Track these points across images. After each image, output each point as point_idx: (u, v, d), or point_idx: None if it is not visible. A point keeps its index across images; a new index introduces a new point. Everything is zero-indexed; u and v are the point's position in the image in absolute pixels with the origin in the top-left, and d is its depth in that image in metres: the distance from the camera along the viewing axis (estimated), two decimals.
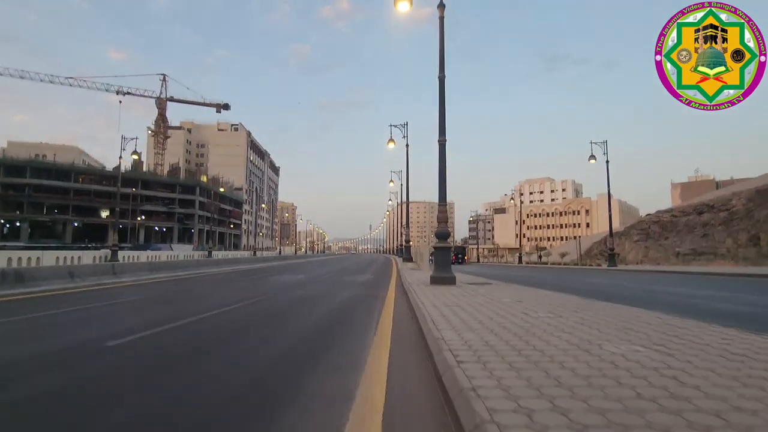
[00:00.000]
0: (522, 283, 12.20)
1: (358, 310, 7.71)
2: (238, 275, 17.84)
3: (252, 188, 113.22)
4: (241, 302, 8.53)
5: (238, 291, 11.35)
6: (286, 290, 11.36)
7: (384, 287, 11.56)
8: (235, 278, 16.11)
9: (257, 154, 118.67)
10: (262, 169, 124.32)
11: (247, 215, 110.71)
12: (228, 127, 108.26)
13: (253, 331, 5.78)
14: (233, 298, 9.42)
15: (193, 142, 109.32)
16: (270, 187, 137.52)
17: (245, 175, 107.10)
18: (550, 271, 25.71)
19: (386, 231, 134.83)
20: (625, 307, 5.87)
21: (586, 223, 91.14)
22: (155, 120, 73.88)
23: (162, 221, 74.12)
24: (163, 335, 5.16)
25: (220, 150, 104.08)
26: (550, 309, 5.67)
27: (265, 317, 6.99)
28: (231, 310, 7.56)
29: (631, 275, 19.31)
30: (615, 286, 12.79)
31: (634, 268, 24.66)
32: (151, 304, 8.78)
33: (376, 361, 3.79)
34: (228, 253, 53.30)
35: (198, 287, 12.46)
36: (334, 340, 5.12)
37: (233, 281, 14.73)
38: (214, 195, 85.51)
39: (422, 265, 18.82)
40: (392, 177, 37.59)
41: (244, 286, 12.92)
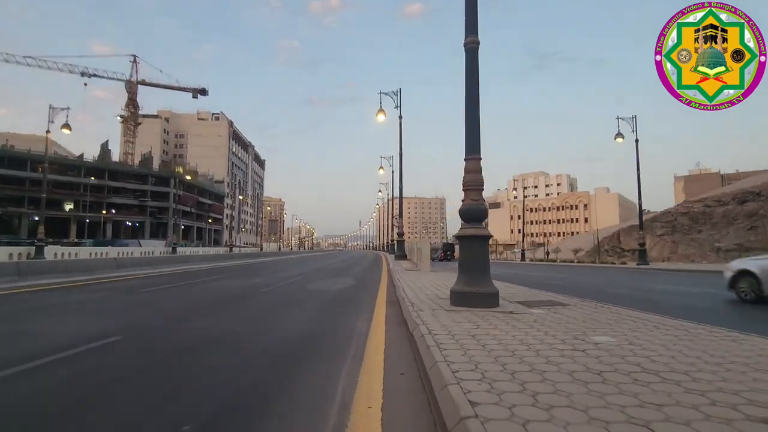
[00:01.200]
0: (578, 292, 7.78)
1: (293, 390, 3.08)
2: (171, 278, 13.08)
3: (235, 181, 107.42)
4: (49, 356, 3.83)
5: (102, 317, 6.61)
6: (194, 315, 6.65)
7: (366, 309, 6.93)
8: (159, 284, 11.34)
9: (240, 145, 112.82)
10: (246, 161, 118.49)
11: (230, 210, 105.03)
12: (209, 116, 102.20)
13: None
14: (69, 334, 4.72)
15: (171, 132, 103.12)
16: (255, 181, 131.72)
17: (227, 167, 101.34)
18: (575, 270, 21.36)
19: (376, 227, 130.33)
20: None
21: (585, 218, 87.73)
22: (125, 105, 67.88)
23: (134, 215, 68.41)
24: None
25: (199, 140, 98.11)
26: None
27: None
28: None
29: (691, 276, 14.99)
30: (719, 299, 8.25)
31: (674, 267, 20.45)
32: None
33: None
34: (199, 250, 48.16)
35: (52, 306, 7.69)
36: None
37: (143, 290, 9.95)
38: (192, 187, 79.88)
39: (422, 265, 14.25)
40: (382, 163, 34.57)
41: (137, 302, 8.16)
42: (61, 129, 23.41)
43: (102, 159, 66.22)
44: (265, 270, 17.89)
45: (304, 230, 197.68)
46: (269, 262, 26.23)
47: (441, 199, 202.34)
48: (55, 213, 60.18)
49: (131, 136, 68.30)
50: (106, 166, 64.48)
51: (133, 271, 15.61)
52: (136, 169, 68.23)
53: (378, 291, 9.51)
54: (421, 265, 14.29)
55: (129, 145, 67.72)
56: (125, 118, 67.84)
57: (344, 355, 3.85)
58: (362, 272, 17.16)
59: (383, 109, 20.46)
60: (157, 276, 14.10)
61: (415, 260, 17.05)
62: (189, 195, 77.75)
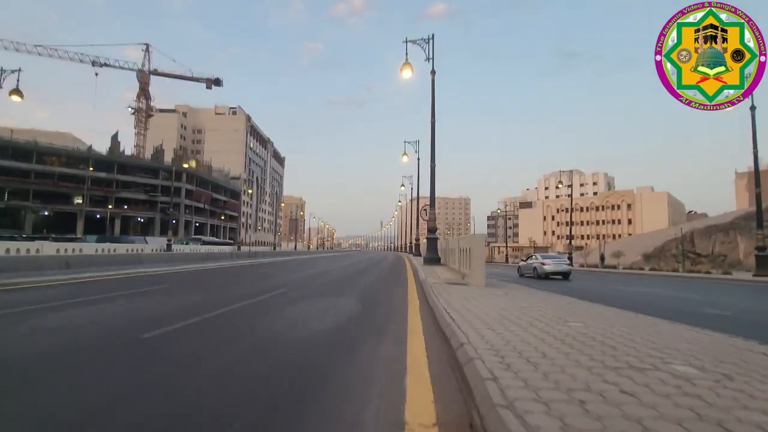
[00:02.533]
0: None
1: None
2: (124, 285, 8.01)
3: (252, 178, 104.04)
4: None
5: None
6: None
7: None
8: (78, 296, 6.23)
9: (259, 141, 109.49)
10: (264, 158, 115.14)
11: (247, 207, 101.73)
12: (226, 110, 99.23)
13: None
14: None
15: (189, 127, 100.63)
16: (274, 179, 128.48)
17: (244, 163, 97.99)
18: (680, 284, 15.32)
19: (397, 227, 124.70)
20: None
21: (628, 219, 79.64)
22: (137, 96, 64.81)
23: (143, 211, 65.23)
24: None
25: (216, 135, 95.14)
26: None
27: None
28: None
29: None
30: None
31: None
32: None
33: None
34: (201, 248, 43.76)
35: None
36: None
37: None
38: (206, 183, 76.47)
39: (473, 276, 8.69)
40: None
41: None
42: (10, 96, 18.96)
43: (112, 152, 63.31)
44: (244, 277, 12.76)
45: (325, 230, 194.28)
46: (268, 264, 21.23)
47: (466, 199, 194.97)
48: (61, 207, 57.45)
49: (143, 129, 65.21)
50: (115, 159, 61.46)
51: (81, 274, 11.02)
52: (146, 162, 65.01)
53: (404, 343, 4.07)
54: (472, 277, 8.70)
55: (141, 138, 64.63)
56: (136, 109, 64.73)
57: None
58: (380, 280, 11.67)
59: (409, 62, 15.36)
60: (87, 283, 9.10)
61: (457, 267, 11.44)
62: (202, 191, 74.30)
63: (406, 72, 15.43)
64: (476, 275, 8.73)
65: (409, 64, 15.53)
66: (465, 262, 10.00)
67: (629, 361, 2.79)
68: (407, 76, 15.33)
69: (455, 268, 11.88)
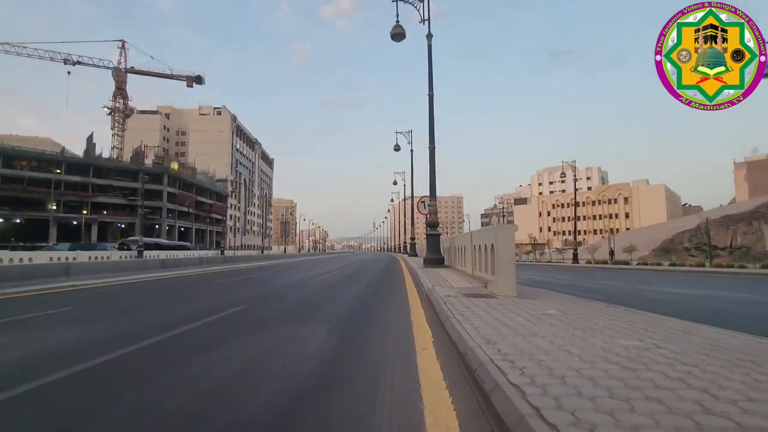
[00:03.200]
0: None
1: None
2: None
3: (239, 180, 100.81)
4: None
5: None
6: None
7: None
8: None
9: (246, 142, 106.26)
10: (252, 159, 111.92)
11: (235, 210, 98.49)
12: (210, 110, 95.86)
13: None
14: None
15: (172, 128, 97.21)
16: (263, 180, 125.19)
17: (230, 164, 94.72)
18: (734, 283, 12.99)
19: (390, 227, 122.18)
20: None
21: (626, 213, 77.97)
22: (113, 95, 61.47)
23: (123, 216, 61.85)
24: None
25: (200, 136, 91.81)
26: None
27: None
28: None
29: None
30: None
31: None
32: None
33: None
34: (179, 254, 40.74)
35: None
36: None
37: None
38: (190, 186, 73.23)
39: (501, 284, 6.11)
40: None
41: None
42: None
43: (87, 154, 59.91)
44: (197, 290, 10.15)
45: (317, 233, 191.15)
46: (243, 270, 18.59)
47: (458, 198, 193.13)
48: (32, 214, 53.95)
49: (120, 130, 61.85)
50: (90, 162, 58.07)
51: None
52: (124, 164, 61.67)
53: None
54: (498, 284, 6.18)
55: (117, 139, 61.23)
56: (113, 109, 61.35)
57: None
58: (364, 299, 9.09)
59: (399, 145, 12.76)
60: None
61: (469, 270, 8.92)
62: (186, 194, 71.04)
63: (398, 37, 13.01)
64: (504, 282, 6.21)
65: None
66: (481, 263, 7.49)
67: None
68: (400, 40, 12.85)
69: (465, 270, 9.36)
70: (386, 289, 9.56)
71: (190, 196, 72.14)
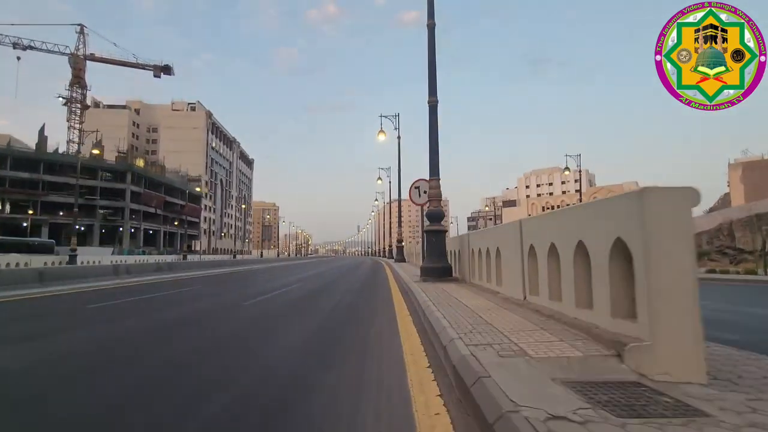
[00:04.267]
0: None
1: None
2: None
3: (215, 180, 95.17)
4: None
5: None
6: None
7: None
8: None
9: (223, 141, 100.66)
10: (230, 159, 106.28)
11: (209, 212, 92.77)
12: (184, 106, 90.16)
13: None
14: None
15: (143, 124, 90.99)
16: (241, 182, 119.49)
17: (205, 164, 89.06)
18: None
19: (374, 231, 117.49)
20: None
21: None
22: (69, 83, 55.77)
23: (79, 217, 55.83)
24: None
25: (172, 133, 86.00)
26: None
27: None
28: None
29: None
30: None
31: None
32: None
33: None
34: (128, 259, 35.59)
35: None
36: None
37: None
38: (158, 185, 67.61)
39: (675, 344, 1.71)
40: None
41: None
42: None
43: (39, 148, 54.04)
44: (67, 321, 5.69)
45: (300, 237, 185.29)
46: (184, 280, 14.16)
47: (444, 201, 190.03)
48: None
49: (77, 122, 56.06)
50: (41, 157, 52.20)
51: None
52: (83, 160, 55.74)
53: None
54: (663, 351, 1.90)
55: (74, 132, 55.40)
56: (68, 99, 55.59)
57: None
58: (321, 355, 4.86)
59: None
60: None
61: (519, 294, 4.69)
62: (153, 193, 65.44)
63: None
64: (680, 345, 2.00)
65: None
66: (566, 287, 3.42)
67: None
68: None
69: (509, 294, 5.14)
70: (366, 327, 5.31)
71: (158, 196, 66.48)
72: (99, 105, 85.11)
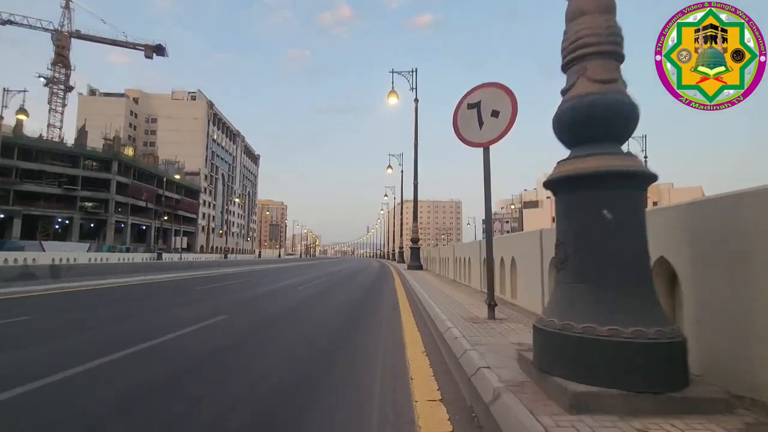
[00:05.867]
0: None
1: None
2: None
3: (216, 174, 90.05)
4: None
5: None
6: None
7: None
8: None
9: (225, 133, 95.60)
10: (233, 153, 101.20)
11: (209, 209, 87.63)
12: (185, 95, 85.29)
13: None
14: None
15: (141, 114, 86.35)
16: (246, 177, 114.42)
17: (205, 156, 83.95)
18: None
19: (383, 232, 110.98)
20: None
21: None
22: (52, 62, 50.83)
23: (58, 209, 50.88)
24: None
25: (170, 123, 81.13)
26: None
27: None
28: None
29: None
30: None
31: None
32: None
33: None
34: (107, 256, 29.90)
35: None
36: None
37: None
38: (150, 177, 62.48)
39: None
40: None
41: None
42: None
43: (16, 132, 49.11)
44: None
45: (307, 236, 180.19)
46: (123, 287, 8.12)
47: (457, 203, 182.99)
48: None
49: (60, 105, 51.11)
50: (15, 141, 47.18)
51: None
52: (61, 146, 50.86)
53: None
54: None
55: (55, 116, 50.42)
56: (50, 80, 50.63)
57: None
58: None
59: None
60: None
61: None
62: (142, 185, 60.30)
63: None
64: None
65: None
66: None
67: None
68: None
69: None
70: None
71: (148, 188, 61.26)
72: (95, 93, 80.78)
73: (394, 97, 17.86)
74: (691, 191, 65.70)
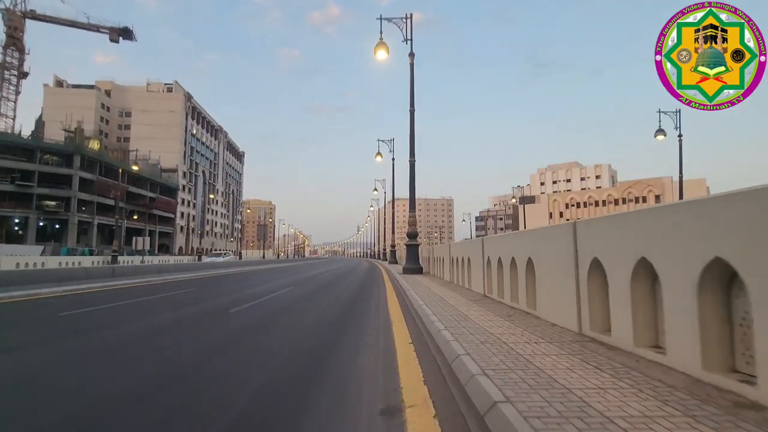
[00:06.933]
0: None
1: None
2: None
3: (195, 171, 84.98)
4: None
5: None
6: None
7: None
8: None
9: (205, 128, 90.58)
10: (214, 149, 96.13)
11: (188, 207, 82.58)
12: (161, 87, 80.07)
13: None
14: None
15: (114, 108, 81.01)
16: (229, 175, 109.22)
17: (183, 152, 78.90)
18: None
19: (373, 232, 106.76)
20: None
21: None
22: (3, 46, 45.70)
23: (10, 208, 45.81)
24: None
25: (145, 117, 75.86)
26: None
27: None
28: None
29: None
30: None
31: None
32: None
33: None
34: (53, 260, 25.20)
35: None
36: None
37: None
38: (117, 172, 57.47)
39: None
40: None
41: None
42: None
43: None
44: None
45: (296, 237, 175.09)
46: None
47: (449, 200, 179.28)
48: None
49: (11, 93, 46.00)
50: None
51: None
52: (13, 138, 45.77)
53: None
54: None
55: (8, 105, 45.42)
56: (1, 64, 45.50)
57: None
58: None
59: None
60: None
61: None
62: (110, 181, 55.26)
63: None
64: None
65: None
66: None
67: None
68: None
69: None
70: None
71: (117, 185, 56.19)
72: (62, 84, 75.27)
73: (383, 49, 14.24)
74: (696, 183, 62.83)
